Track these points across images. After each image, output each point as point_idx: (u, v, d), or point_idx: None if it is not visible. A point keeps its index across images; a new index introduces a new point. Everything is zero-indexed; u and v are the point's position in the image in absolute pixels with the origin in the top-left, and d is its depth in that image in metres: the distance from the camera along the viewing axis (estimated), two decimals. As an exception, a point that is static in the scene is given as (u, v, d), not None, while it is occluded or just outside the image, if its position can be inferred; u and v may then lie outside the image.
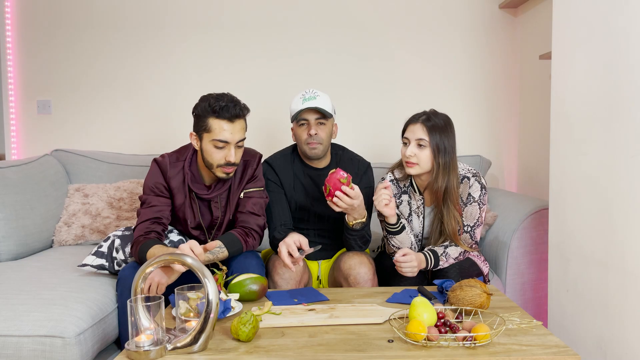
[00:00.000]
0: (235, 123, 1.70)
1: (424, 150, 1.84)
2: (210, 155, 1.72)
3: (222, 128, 1.69)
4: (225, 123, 1.69)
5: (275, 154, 2.09)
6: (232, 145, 1.71)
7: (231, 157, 1.71)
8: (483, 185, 1.91)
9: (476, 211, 1.89)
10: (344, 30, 2.84)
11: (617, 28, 1.45)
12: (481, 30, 2.85)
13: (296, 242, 1.76)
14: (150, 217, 1.77)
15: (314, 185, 2.02)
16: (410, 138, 1.86)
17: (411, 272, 1.78)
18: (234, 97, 1.74)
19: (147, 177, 1.83)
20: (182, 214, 1.84)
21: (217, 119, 1.69)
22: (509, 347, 1.25)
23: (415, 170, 1.86)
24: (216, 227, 1.88)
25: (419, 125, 1.85)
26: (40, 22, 2.84)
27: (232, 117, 1.69)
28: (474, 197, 1.89)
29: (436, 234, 1.93)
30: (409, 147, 1.85)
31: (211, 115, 1.69)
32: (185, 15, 2.83)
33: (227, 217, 1.87)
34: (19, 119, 2.89)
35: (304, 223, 2.04)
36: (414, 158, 1.84)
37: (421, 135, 1.83)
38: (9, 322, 1.47)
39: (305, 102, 1.91)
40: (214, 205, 1.84)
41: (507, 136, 2.92)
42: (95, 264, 1.83)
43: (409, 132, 1.87)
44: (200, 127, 1.72)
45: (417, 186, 1.95)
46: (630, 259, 1.41)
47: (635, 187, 1.38)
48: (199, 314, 1.34)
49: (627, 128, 1.41)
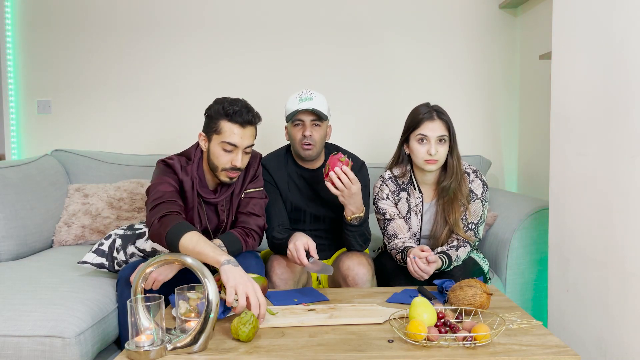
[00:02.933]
0: (246, 129, 1.71)
1: (444, 146, 1.83)
2: (217, 157, 1.73)
3: (233, 132, 1.70)
4: (236, 127, 1.70)
5: (269, 154, 2.08)
6: (240, 149, 1.71)
7: (237, 161, 1.71)
8: (484, 182, 1.91)
9: (479, 208, 1.89)
10: (342, 30, 2.84)
11: (617, 28, 1.45)
12: (481, 30, 2.85)
13: (305, 245, 1.71)
14: (169, 198, 1.65)
15: (308, 186, 2.02)
16: (430, 136, 1.82)
17: (426, 277, 1.75)
18: (248, 104, 1.75)
19: (156, 176, 1.74)
20: (190, 219, 1.82)
21: (229, 122, 1.70)
22: (509, 347, 1.25)
23: (436, 166, 1.85)
24: (221, 230, 1.88)
25: (438, 121, 1.83)
26: (40, 22, 2.84)
27: (244, 123, 1.70)
28: (476, 194, 1.89)
29: (441, 229, 1.90)
30: (431, 146, 1.81)
31: (224, 118, 1.70)
32: (184, 15, 2.83)
33: (230, 219, 1.88)
34: (19, 119, 2.89)
35: (300, 224, 2.04)
36: (437, 155, 1.82)
37: (443, 132, 1.82)
38: (9, 322, 1.47)
39: (302, 102, 1.90)
40: (220, 209, 1.84)
41: (507, 136, 2.92)
42: (95, 263, 1.83)
43: (427, 130, 1.82)
44: (210, 128, 1.73)
45: (417, 182, 1.94)
46: (630, 259, 1.41)
47: (635, 187, 1.38)
48: (199, 314, 1.34)
49: (627, 128, 1.41)
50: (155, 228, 1.59)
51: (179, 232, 1.53)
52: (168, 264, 1.50)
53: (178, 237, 1.53)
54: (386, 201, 1.96)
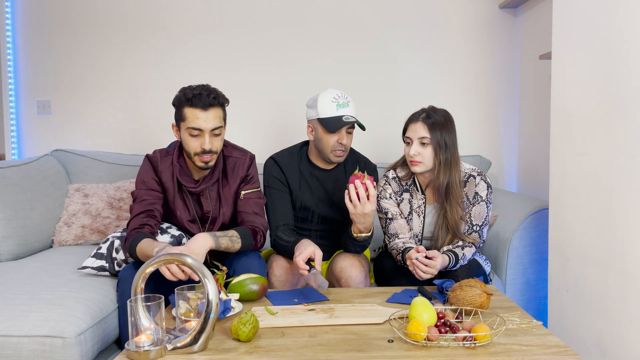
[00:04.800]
0: (209, 111, 1.73)
1: (427, 148, 1.84)
2: (187, 144, 1.77)
3: (196, 116, 1.72)
4: (198, 111, 1.72)
5: (282, 151, 2.07)
6: (206, 132, 1.73)
7: (206, 144, 1.73)
8: (489, 184, 1.92)
9: (484, 210, 1.89)
10: (345, 31, 2.84)
11: (617, 28, 1.45)
12: (481, 30, 2.85)
13: (311, 254, 1.67)
14: (142, 210, 1.80)
15: (320, 186, 2.01)
16: (412, 137, 1.86)
17: (430, 275, 1.74)
18: (210, 87, 1.77)
19: (139, 173, 1.87)
20: (174, 207, 1.86)
21: (190, 108, 1.73)
22: (509, 347, 1.25)
23: (420, 168, 1.86)
24: (209, 221, 1.88)
25: (420, 123, 1.85)
26: (41, 22, 2.84)
27: (206, 106, 1.72)
28: (481, 196, 1.89)
29: (443, 232, 1.91)
30: (412, 147, 1.85)
31: (186, 104, 1.74)
32: (187, 16, 2.83)
33: (222, 212, 1.88)
34: (19, 119, 2.89)
35: (306, 223, 2.03)
36: (418, 157, 1.84)
37: (423, 134, 1.83)
38: (9, 322, 1.47)
39: (340, 108, 1.90)
40: (203, 198, 1.86)
41: (507, 136, 2.92)
42: (95, 266, 1.83)
43: (411, 132, 1.87)
44: (177, 117, 1.78)
45: (419, 184, 1.95)
46: (630, 259, 1.41)
47: (635, 187, 1.38)
48: (199, 314, 1.34)
49: (627, 128, 1.41)
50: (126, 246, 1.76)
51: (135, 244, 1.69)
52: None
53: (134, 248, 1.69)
54: (389, 200, 1.96)
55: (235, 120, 2.37)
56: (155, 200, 1.83)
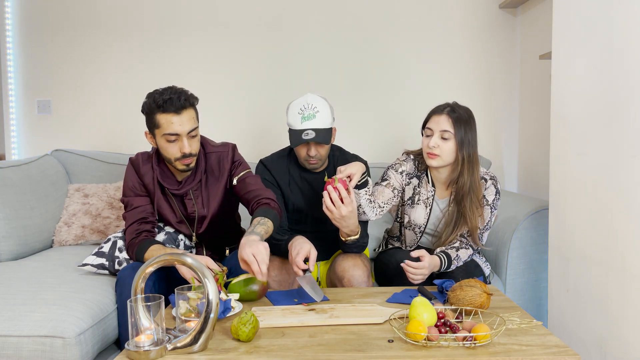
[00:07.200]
0: (182, 114, 1.68)
1: (448, 143, 1.81)
2: (166, 150, 1.73)
3: (170, 121, 1.67)
4: (172, 116, 1.67)
5: (271, 155, 2.05)
6: (183, 136, 1.69)
7: (185, 148, 1.70)
8: (498, 190, 1.90)
9: (487, 214, 1.88)
10: (344, 31, 2.84)
11: (616, 28, 1.45)
12: (481, 30, 2.85)
13: (307, 253, 1.65)
14: (136, 218, 1.80)
15: (311, 189, 1.99)
16: (434, 129, 1.82)
17: (422, 279, 1.73)
18: (178, 88, 1.72)
19: (124, 179, 1.86)
20: (159, 209, 1.85)
21: (163, 114, 1.67)
22: (509, 347, 1.25)
23: (436, 162, 1.83)
24: (196, 221, 1.87)
25: (444, 116, 1.82)
26: (40, 22, 2.84)
27: (178, 109, 1.67)
28: (487, 200, 1.88)
29: (449, 230, 1.89)
30: (432, 138, 1.82)
31: (157, 111, 1.68)
32: (185, 16, 2.83)
33: (211, 211, 1.85)
34: (19, 119, 2.89)
35: (301, 225, 2.02)
36: (437, 149, 1.81)
37: (446, 127, 1.81)
38: (9, 322, 1.47)
39: (305, 121, 1.81)
40: (187, 200, 1.84)
41: (507, 136, 2.92)
42: (95, 264, 1.83)
43: (433, 123, 1.83)
44: (150, 124, 1.73)
45: (431, 177, 1.93)
46: (630, 259, 1.41)
47: (635, 187, 1.38)
48: (199, 314, 1.34)
49: (626, 128, 1.41)
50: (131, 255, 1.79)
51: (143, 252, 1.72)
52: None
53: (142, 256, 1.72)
54: (397, 175, 1.94)
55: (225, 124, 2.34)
56: (146, 205, 1.83)
